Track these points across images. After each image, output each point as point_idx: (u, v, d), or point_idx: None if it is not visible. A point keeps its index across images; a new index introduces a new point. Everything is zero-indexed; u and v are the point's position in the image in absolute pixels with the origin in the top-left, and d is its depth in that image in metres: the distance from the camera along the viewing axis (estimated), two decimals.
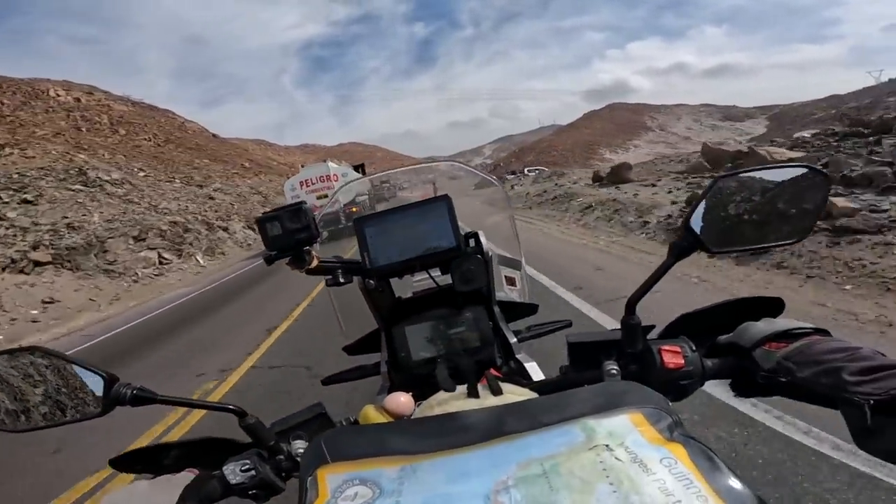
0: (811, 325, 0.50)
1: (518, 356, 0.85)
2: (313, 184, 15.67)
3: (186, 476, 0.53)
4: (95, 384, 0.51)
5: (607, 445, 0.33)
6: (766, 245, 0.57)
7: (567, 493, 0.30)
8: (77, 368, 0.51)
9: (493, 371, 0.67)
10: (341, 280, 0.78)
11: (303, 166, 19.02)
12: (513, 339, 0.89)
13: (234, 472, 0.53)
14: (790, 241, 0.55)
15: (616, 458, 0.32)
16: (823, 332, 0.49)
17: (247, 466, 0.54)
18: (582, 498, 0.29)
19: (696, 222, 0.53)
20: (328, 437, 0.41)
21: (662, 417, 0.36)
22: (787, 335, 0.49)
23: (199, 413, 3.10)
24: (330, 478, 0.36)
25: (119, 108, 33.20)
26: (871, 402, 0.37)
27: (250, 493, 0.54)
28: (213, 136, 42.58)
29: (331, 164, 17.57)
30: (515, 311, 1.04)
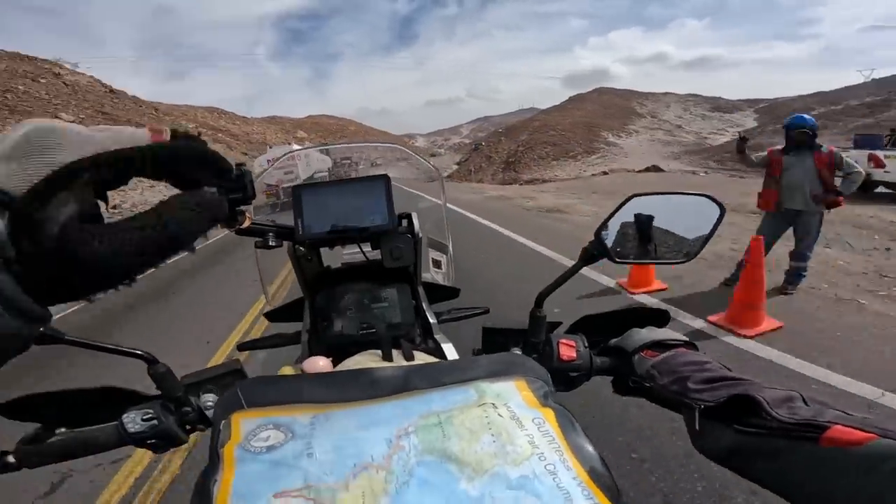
0: (683, 339, 0.56)
1: (436, 336, 0.86)
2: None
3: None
4: None
5: (493, 404, 0.39)
6: (661, 262, 0.61)
7: (457, 440, 0.36)
8: None
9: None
10: (271, 243, 0.78)
11: (270, 147, 22.54)
12: (433, 320, 0.91)
13: (134, 420, 0.52)
14: (681, 261, 0.61)
15: (499, 415, 0.38)
16: (691, 346, 0.55)
17: (149, 416, 0.52)
18: (469, 445, 0.35)
19: (607, 233, 0.58)
20: (245, 384, 0.43)
21: (540, 386, 0.43)
22: (661, 345, 0.55)
23: None
24: (244, 422, 0.38)
25: None
26: (701, 406, 0.42)
27: (149, 442, 0.53)
28: (111, 90, 33.50)
29: (295, 145, 21.10)
30: (438, 293, 1.08)
